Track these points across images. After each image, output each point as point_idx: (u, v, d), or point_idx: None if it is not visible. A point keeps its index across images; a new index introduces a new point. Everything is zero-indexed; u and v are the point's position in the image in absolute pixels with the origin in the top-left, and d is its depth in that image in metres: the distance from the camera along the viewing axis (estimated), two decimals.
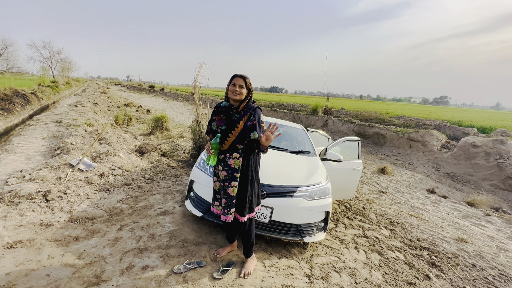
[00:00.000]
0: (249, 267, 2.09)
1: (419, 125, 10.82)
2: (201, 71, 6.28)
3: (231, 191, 1.91)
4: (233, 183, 1.91)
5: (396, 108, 23.66)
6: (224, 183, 1.93)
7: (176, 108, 17.13)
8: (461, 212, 4.39)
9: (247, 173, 1.95)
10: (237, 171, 1.91)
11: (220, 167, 1.94)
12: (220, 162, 1.95)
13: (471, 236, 3.45)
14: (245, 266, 2.10)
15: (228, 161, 1.91)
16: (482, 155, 6.79)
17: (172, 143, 6.85)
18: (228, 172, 1.91)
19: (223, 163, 1.93)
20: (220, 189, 1.97)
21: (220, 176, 1.94)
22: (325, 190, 2.55)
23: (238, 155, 1.90)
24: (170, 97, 27.73)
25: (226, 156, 1.91)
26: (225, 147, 1.90)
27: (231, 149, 1.90)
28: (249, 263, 2.12)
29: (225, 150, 1.91)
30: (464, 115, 18.37)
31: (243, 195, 1.96)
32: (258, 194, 2.10)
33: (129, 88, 42.66)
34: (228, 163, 1.91)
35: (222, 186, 1.95)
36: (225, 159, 1.92)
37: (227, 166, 1.91)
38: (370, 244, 2.90)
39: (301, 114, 13.64)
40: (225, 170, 1.92)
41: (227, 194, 1.92)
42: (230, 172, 1.91)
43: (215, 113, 1.99)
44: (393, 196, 4.89)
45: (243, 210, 1.97)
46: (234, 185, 1.92)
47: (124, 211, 2.74)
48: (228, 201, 1.93)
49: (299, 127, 4.09)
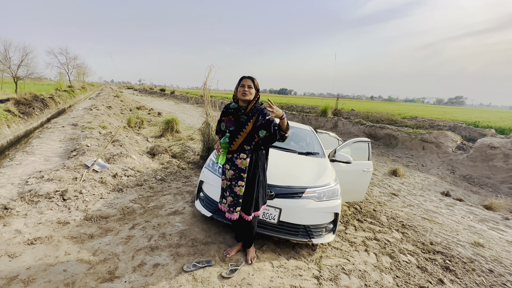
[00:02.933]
0: (252, 253, 2.24)
1: (433, 126, 10.51)
2: (211, 74, 6.39)
3: (238, 190, 1.97)
4: (240, 183, 1.96)
5: (409, 109, 23.08)
6: (231, 182, 1.98)
7: (186, 111, 17.40)
8: (478, 216, 4.23)
9: (254, 173, 2.00)
10: (244, 171, 1.96)
11: (228, 166, 2.00)
12: (227, 161, 2.01)
13: (488, 241, 3.32)
14: (249, 253, 2.23)
15: (235, 161, 1.96)
16: (501, 157, 6.52)
17: (182, 145, 6.97)
18: (235, 172, 1.96)
19: (230, 162, 1.99)
20: (227, 187, 2.03)
21: (227, 175, 2.01)
22: (334, 192, 2.54)
23: (245, 155, 1.96)
24: (180, 100, 28.22)
25: (234, 156, 1.97)
26: (234, 148, 1.96)
27: (238, 150, 1.96)
28: (251, 251, 2.25)
29: (233, 150, 1.97)
30: (481, 116, 17.68)
31: (250, 194, 2.01)
32: (265, 194, 2.13)
33: (141, 91, 43.74)
34: (235, 163, 1.96)
35: (229, 184, 2.00)
36: (232, 159, 1.98)
37: (234, 165, 1.97)
38: (381, 247, 2.85)
39: (310, 115, 13.55)
40: (232, 170, 1.98)
41: (233, 193, 1.98)
42: (237, 172, 1.96)
43: (224, 114, 2.04)
44: (405, 198, 4.78)
45: (249, 209, 2.03)
46: (241, 185, 1.97)
47: (136, 211, 2.82)
48: (234, 199, 1.98)
49: (308, 128, 4.08)
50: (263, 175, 2.09)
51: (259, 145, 2.03)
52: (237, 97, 2.00)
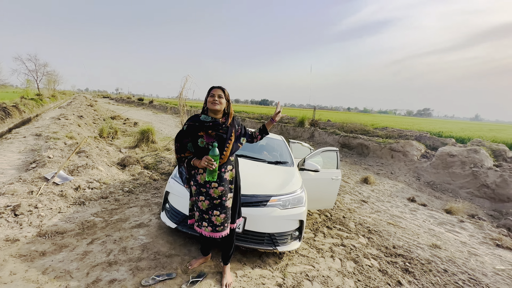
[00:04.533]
0: (229, 279, 2.08)
1: (401, 136, 11.20)
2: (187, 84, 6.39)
3: (229, 204, 1.91)
4: (229, 196, 1.91)
5: (382, 120, 24.42)
6: (221, 199, 1.86)
7: (164, 121, 17.06)
8: (437, 219, 4.52)
9: (237, 180, 2.00)
10: (231, 182, 1.93)
11: (215, 184, 1.85)
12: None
13: (444, 242, 3.55)
14: (225, 276, 2.08)
15: (223, 175, 1.87)
16: (458, 164, 7.08)
17: (156, 156, 6.80)
18: (225, 186, 1.87)
19: (219, 179, 1.85)
20: (210, 208, 1.87)
21: (213, 194, 1.85)
22: (299, 199, 2.60)
23: (231, 167, 1.93)
24: (159, 110, 27.63)
25: (222, 171, 1.86)
26: (223, 161, 1.85)
27: (225, 163, 1.88)
28: (228, 273, 2.11)
29: (221, 164, 1.86)
30: (444, 126, 19.14)
31: (235, 203, 2.00)
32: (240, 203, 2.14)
33: (117, 101, 42.27)
34: (224, 177, 1.87)
35: (217, 203, 1.86)
36: (220, 174, 1.86)
37: (223, 180, 1.86)
38: (346, 253, 2.94)
39: (288, 126, 13.87)
40: (221, 186, 1.85)
41: (225, 209, 1.88)
42: (227, 185, 1.88)
43: (198, 128, 1.85)
44: (374, 205, 4.99)
45: (234, 217, 2.01)
46: (230, 197, 1.92)
47: (97, 225, 2.69)
48: (227, 214, 1.90)
49: (279, 138, 4.18)
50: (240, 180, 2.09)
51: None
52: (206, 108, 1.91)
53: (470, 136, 11.77)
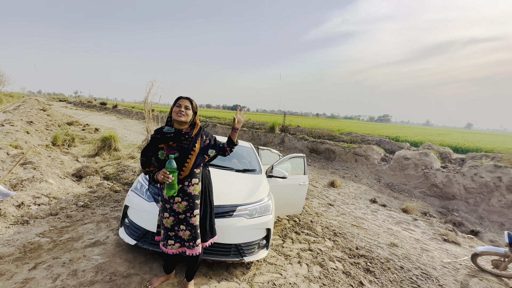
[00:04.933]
0: None
1: (364, 140, 11.99)
2: (153, 89, 6.13)
3: (194, 221, 1.80)
4: (195, 212, 1.81)
5: (347, 125, 25.94)
6: (185, 214, 1.79)
7: (129, 127, 16.13)
8: (395, 219, 4.88)
9: (206, 196, 1.90)
10: (197, 197, 1.83)
11: (178, 198, 1.78)
12: (177, 193, 1.78)
13: (401, 241, 3.84)
14: None
15: (187, 189, 1.79)
16: (412, 166, 7.77)
17: (119, 165, 6.37)
18: (189, 202, 1.79)
19: (181, 193, 1.78)
20: (176, 223, 1.80)
21: (178, 209, 1.78)
22: (266, 207, 2.61)
23: (197, 180, 1.82)
24: (124, 115, 26.04)
25: (185, 185, 1.78)
26: (185, 174, 1.77)
27: (189, 176, 1.79)
28: None
29: (183, 178, 1.78)
30: (401, 131, 20.96)
31: (204, 220, 1.90)
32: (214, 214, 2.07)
33: (76, 105, 38.95)
34: (187, 191, 1.78)
35: (182, 218, 1.79)
36: (183, 188, 1.78)
37: (187, 195, 1.78)
38: (313, 257, 3.01)
39: (259, 132, 14.01)
40: (185, 200, 1.78)
41: (190, 225, 1.79)
42: (191, 200, 1.79)
43: (159, 140, 1.80)
44: (340, 208, 5.23)
45: (205, 236, 1.92)
46: (197, 214, 1.82)
47: (43, 246, 2.39)
48: (192, 232, 1.80)
49: (248, 145, 4.19)
50: (212, 194, 2.02)
51: (205, 164, 1.95)
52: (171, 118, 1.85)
53: (422, 140, 13.03)
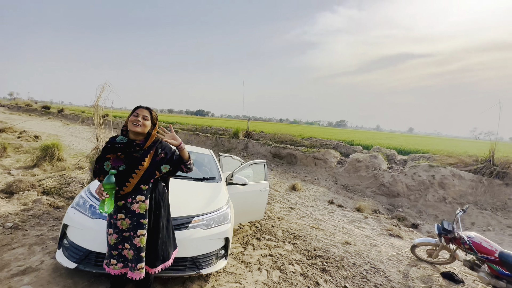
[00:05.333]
0: None
1: (323, 145, 12.74)
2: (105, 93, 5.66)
3: (138, 242, 1.65)
4: (139, 232, 1.65)
5: (308, 130, 27.34)
6: (129, 233, 1.64)
7: (78, 133, 14.59)
8: (349, 218, 5.25)
9: (157, 215, 1.74)
10: (143, 216, 1.67)
11: (121, 215, 1.64)
12: (120, 210, 1.64)
13: (354, 238, 4.13)
14: None
15: (130, 206, 1.65)
16: (364, 168, 8.49)
17: (63, 177, 5.70)
18: (133, 220, 1.64)
19: (124, 210, 1.64)
20: (119, 242, 1.66)
21: (121, 226, 1.64)
22: (224, 216, 2.58)
23: (143, 197, 1.67)
24: (72, 120, 23.46)
25: (128, 202, 1.65)
26: (128, 190, 1.63)
27: (134, 192, 1.65)
28: None
29: (126, 194, 1.64)
30: (355, 136, 22.86)
31: (155, 243, 1.73)
32: (174, 237, 1.92)
33: (11, 108, 33.82)
34: (131, 209, 1.64)
35: (126, 237, 1.65)
36: (126, 205, 1.65)
37: (130, 213, 1.64)
38: (273, 262, 3.06)
39: (223, 138, 13.89)
40: (128, 218, 1.64)
41: (134, 246, 1.65)
42: (135, 219, 1.65)
43: (108, 150, 1.68)
44: (300, 210, 5.43)
45: (154, 261, 1.73)
46: (142, 234, 1.66)
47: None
48: (135, 253, 1.65)
49: (208, 152, 4.11)
50: (168, 214, 1.86)
51: (157, 180, 1.80)
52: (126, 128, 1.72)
53: (373, 143, 14.39)
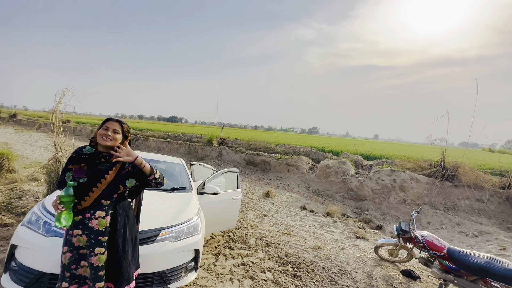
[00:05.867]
0: None
1: (296, 152, 13.11)
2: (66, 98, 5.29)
3: (96, 261, 1.52)
4: (97, 250, 1.53)
5: (282, 137, 27.93)
6: (87, 250, 1.53)
7: (34, 142, 13.29)
8: (319, 223, 5.44)
9: (118, 233, 1.62)
10: (102, 233, 1.55)
11: (78, 231, 1.53)
12: (77, 225, 1.53)
13: (324, 243, 4.29)
14: None
15: (88, 222, 1.53)
16: (334, 174, 8.90)
17: (13, 190, 5.16)
18: (90, 237, 1.53)
19: (81, 225, 1.53)
20: (73, 261, 1.53)
21: (78, 243, 1.53)
22: (194, 227, 2.53)
23: (103, 213, 1.56)
24: (26, 127, 21.30)
25: (86, 217, 1.54)
26: (86, 204, 1.53)
27: (92, 207, 1.55)
28: None
29: (84, 208, 1.54)
30: (326, 142, 23.84)
31: (118, 262, 1.60)
32: (137, 256, 1.80)
33: None
34: (89, 225, 1.53)
35: (83, 254, 1.54)
36: (83, 220, 1.53)
37: (87, 229, 1.53)
38: (245, 271, 3.05)
39: (197, 145, 13.63)
40: (85, 235, 1.53)
41: (90, 265, 1.53)
42: (93, 236, 1.53)
43: (72, 161, 1.59)
44: (273, 217, 5.50)
45: (118, 281, 1.61)
46: (100, 252, 1.53)
47: None
48: (91, 273, 1.53)
49: (179, 161, 4.02)
50: (133, 231, 1.75)
51: (123, 195, 1.69)
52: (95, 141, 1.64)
53: (342, 150, 15.13)
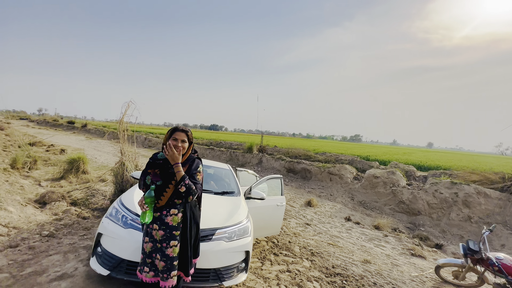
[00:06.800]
0: None
1: (338, 160, 12.60)
2: (129, 110, 6.06)
3: (171, 252, 1.76)
4: (172, 243, 1.77)
5: (322, 145, 27.07)
6: (162, 244, 1.77)
7: (100, 147, 15.33)
8: (368, 236, 5.12)
9: (187, 228, 1.86)
10: (176, 228, 1.79)
11: (156, 225, 1.78)
12: (155, 221, 1.78)
13: (373, 257, 4.03)
14: None
15: (165, 219, 1.78)
16: (382, 184, 8.30)
17: (88, 189, 6.02)
18: (166, 232, 1.77)
19: (159, 221, 1.78)
20: (153, 251, 1.78)
21: (156, 236, 1.78)
22: (245, 230, 2.66)
23: (176, 210, 1.80)
24: (94, 135, 24.73)
25: (163, 214, 1.78)
26: (162, 203, 1.78)
27: (168, 205, 1.79)
28: None
29: (161, 207, 1.79)
30: (371, 151, 22.33)
31: (185, 253, 1.84)
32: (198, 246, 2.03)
33: (39, 123, 36.22)
34: (165, 221, 1.78)
35: (159, 247, 1.78)
36: (161, 217, 1.78)
37: (164, 224, 1.78)
38: (291, 278, 3.05)
39: (238, 152, 14.10)
40: (162, 229, 1.77)
41: (165, 256, 1.76)
42: (168, 231, 1.78)
43: (150, 166, 1.85)
44: (316, 227, 5.37)
45: (187, 269, 1.84)
46: (174, 245, 1.78)
47: (1, 283, 2.18)
48: (167, 263, 1.76)
49: (227, 167, 4.26)
50: (197, 228, 1.98)
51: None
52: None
53: (390, 159, 14.01)
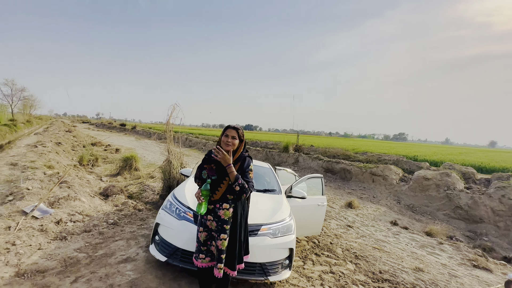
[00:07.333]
0: None
1: (380, 160, 11.78)
2: (174, 112, 6.54)
3: (220, 244, 1.89)
4: (222, 236, 1.89)
5: (361, 144, 25.56)
6: (216, 234, 1.91)
7: (148, 147, 16.78)
8: (419, 242, 4.71)
9: (238, 223, 1.95)
10: (227, 222, 1.90)
11: (210, 217, 1.92)
12: (209, 212, 1.93)
13: (427, 265, 3.70)
14: None
15: (218, 212, 1.91)
16: (434, 187, 7.53)
17: (140, 184, 6.65)
18: (218, 224, 1.90)
19: (213, 213, 1.92)
20: (208, 239, 1.94)
21: (210, 226, 1.93)
22: (288, 227, 2.69)
23: (228, 205, 1.91)
24: (142, 136, 27.17)
25: (216, 207, 1.91)
26: (217, 197, 1.91)
27: (221, 200, 1.91)
28: None
29: (215, 200, 1.91)
30: (419, 150, 20.35)
31: (233, 247, 1.94)
32: (248, 243, 2.11)
33: (98, 126, 41.17)
34: (218, 214, 1.90)
35: (213, 236, 1.92)
36: (214, 209, 1.92)
37: (217, 217, 1.91)
38: (335, 280, 2.98)
39: (273, 151, 14.14)
40: (215, 221, 1.91)
41: (216, 247, 1.91)
42: (220, 223, 1.90)
43: (206, 161, 1.99)
44: (359, 229, 5.13)
45: (233, 264, 1.94)
46: (223, 238, 1.89)
47: (81, 261, 2.57)
48: (217, 254, 1.90)
49: (267, 166, 4.33)
50: (246, 223, 2.06)
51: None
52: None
53: (442, 159, 12.60)
